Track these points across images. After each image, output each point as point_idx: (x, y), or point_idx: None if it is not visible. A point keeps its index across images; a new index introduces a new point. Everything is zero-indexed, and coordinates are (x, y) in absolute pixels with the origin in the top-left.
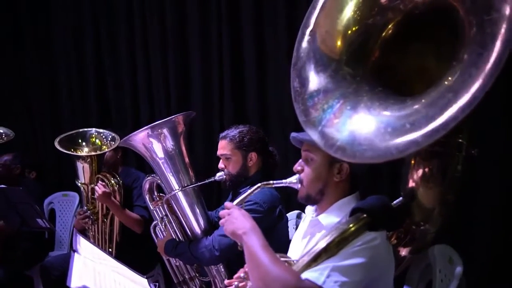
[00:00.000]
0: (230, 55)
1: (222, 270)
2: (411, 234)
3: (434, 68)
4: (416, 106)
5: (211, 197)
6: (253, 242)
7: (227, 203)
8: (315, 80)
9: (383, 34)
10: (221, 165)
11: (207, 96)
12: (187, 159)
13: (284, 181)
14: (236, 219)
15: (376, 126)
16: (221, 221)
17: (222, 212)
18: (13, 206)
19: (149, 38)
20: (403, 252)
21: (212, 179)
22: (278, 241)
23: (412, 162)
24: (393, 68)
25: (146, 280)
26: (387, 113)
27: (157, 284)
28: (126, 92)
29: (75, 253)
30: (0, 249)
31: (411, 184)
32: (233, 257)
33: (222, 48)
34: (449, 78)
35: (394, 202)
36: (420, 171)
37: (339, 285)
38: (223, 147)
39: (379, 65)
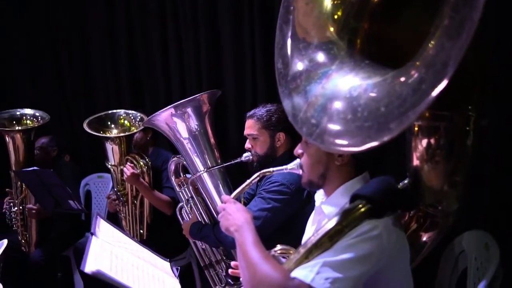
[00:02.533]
0: (262, 31)
1: None
2: (430, 217)
3: (426, 34)
4: (393, 83)
5: (241, 179)
6: (244, 239)
7: (224, 196)
8: (297, 59)
9: (370, 4)
10: (247, 145)
11: (239, 76)
12: (212, 140)
13: (284, 167)
14: (230, 214)
15: (354, 109)
16: (218, 216)
17: (219, 206)
18: (46, 187)
19: (180, 16)
20: (425, 237)
21: (238, 160)
22: (305, 225)
23: (413, 139)
24: (386, 38)
25: (168, 264)
26: (366, 92)
27: (179, 268)
28: (158, 73)
29: (93, 236)
30: (37, 230)
31: (415, 162)
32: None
33: (254, 24)
34: (431, 42)
35: (401, 183)
36: (422, 149)
37: (330, 282)
38: (250, 126)
39: (369, 37)
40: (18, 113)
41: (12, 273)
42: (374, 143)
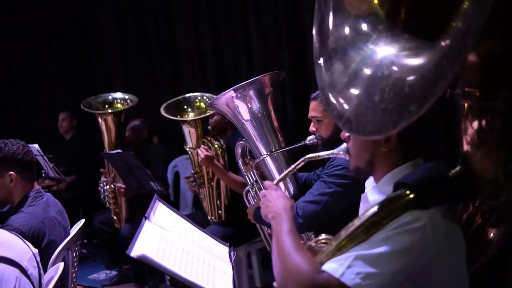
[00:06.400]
0: None
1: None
2: (497, 210)
3: None
4: (421, 59)
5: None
6: (279, 228)
7: (266, 182)
8: (334, 36)
9: None
10: (312, 128)
11: None
12: (275, 123)
13: (331, 151)
14: (269, 201)
15: (381, 90)
16: (260, 202)
17: (261, 193)
18: (130, 169)
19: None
20: (492, 232)
21: (302, 143)
22: None
23: (463, 120)
24: (430, 8)
25: (227, 249)
26: (396, 70)
27: (235, 253)
28: (242, 58)
29: (146, 221)
30: (126, 207)
31: (466, 148)
32: (324, 225)
33: None
34: (461, 9)
35: (453, 171)
36: (472, 133)
37: (362, 278)
38: (314, 108)
39: (412, 8)
40: (110, 97)
41: (106, 247)
42: (394, 129)
